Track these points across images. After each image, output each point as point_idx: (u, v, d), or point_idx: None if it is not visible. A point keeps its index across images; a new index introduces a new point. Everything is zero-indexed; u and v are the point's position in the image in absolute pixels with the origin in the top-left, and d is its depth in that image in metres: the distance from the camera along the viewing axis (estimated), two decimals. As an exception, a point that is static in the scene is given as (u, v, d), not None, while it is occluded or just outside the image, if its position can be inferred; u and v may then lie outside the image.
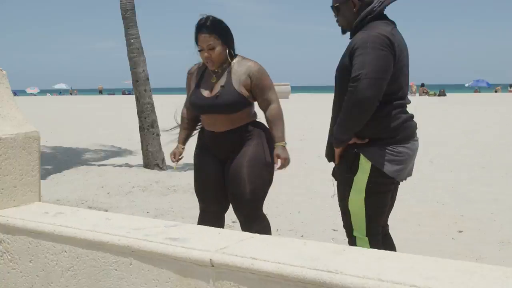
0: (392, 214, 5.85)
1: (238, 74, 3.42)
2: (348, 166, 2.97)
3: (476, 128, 14.45)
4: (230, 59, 3.46)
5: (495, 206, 6.05)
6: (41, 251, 2.49)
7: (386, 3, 2.96)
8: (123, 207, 6.26)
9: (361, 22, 2.94)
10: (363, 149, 2.90)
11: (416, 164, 3.31)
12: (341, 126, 2.87)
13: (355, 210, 2.98)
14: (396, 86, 2.89)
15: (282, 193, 6.86)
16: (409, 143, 2.96)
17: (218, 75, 3.48)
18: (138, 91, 9.03)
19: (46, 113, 23.97)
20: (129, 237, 2.23)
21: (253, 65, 3.45)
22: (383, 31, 2.82)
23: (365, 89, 2.70)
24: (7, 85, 2.97)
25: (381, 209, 3.03)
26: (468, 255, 4.40)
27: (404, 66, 2.94)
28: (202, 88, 3.50)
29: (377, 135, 2.88)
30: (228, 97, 3.38)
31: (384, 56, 2.76)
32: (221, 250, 2.00)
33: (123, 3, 9.03)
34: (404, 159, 2.94)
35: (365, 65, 2.72)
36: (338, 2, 3.02)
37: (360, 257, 1.88)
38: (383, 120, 2.87)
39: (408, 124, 2.98)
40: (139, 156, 9.57)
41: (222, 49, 3.41)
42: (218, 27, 3.42)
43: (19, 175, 2.82)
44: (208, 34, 3.37)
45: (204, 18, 3.43)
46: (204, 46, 3.39)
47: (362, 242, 2.97)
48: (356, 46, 2.80)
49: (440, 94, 38.01)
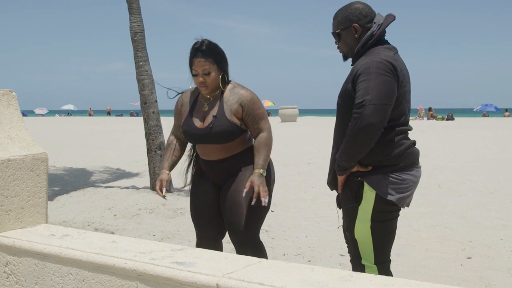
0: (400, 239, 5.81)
1: (230, 103, 3.34)
2: (352, 195, 2.93)
3: (485, 153, 14.39)
4: (223, 86, 3.38)
5: (504, 232, 5.99)
6: (47, 274, 2.48)
7: (384, 26, 2.95)
8: (129, 230, 6.25)
9: (362, 47, 2.93)
10: (367, 177, 2.86)
11: (424, 189, 3.32)
12: (345, 154, 2.82)
13: (362, 239, 2.93)
14: (399, 111, 2.86)
15: (289, 217, 6.84)
16: (413, 170, 2.91)
17: (210, 103, 3.40)
18: (146, 113, 9.07)
19: (54, 134, 24.11)
20: (135, 260, 2.22)
21: (245, 94, 3.36)
22: (386, 57, 2.81)
23: (370, 115, 2.67)
24: (17, 106, 2.99)
25: (388, 236, 2.98)
26: (477, 282, 4.34)
27: (406, 92, 2.91)
28: (194, 117, 3.42)
29: (380, 162, 2.84)
30: (220, 127, 3.30)
31: (388, 82, 2.74)
32: (228, 275, 1.99)
33: (132, 26, 9.11)
34: (408, 187, 2.89)
35: (369, 91, 2.69)
36: (339, 29, 3.02)
37: (368, 284, 1.86)
38: (386, 146, 2.83)
39: (412, 151, 2.93)
40: (146, 178, 9.58)
41: (217, 74, 3.33)
42: (214, 51, 3.33)
43: (27, 197, 2.82)
44: (204, 59, 3.29)
45: (200, 42, 3.34)
46: (200, 71, 3.30)
47: (371, 271, 2.92)
48: (359, 72, 2.77)
49: (448, 118, 37.94)
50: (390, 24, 2.98)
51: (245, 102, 3.34)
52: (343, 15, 3.01)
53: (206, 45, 3.32)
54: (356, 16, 2.97)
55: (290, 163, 12.33)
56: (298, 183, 9.66)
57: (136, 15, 9.11)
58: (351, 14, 2.98)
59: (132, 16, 9.11)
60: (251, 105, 3.34)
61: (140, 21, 9.15)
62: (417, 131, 24.42)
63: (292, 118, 34.60)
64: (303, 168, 11.32)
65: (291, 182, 9.67)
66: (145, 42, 9.18)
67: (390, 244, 3.02)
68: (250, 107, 3.34)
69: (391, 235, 3.01)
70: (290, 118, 34.50)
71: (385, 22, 2.95)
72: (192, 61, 3.33)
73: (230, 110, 3.33)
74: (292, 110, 35.37)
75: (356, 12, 2.98)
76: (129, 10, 9.15)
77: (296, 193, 8.64)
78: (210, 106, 3.40)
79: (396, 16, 3.01)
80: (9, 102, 2.96)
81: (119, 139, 21.04)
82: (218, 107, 3.36)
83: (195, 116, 3.43)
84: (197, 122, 3.40)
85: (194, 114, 3.44)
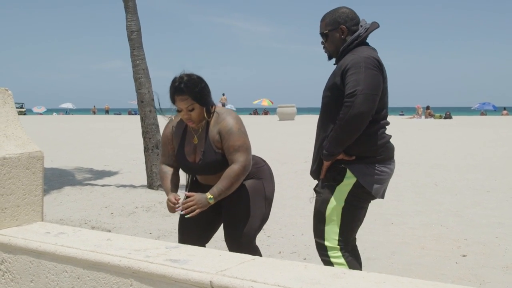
0: (396, 237, 5.84)
1: (213, 134, 3.33)
2: (332, 176, 3.14)
3: (482, 151, 14.42)
4: (208, 117, 3.34)
5: (500, 230, 6.01)
6: (42, 271, 2.50)
7: (370, 30, 3.24)
8: (126, 228, 6.26)
9: (348, 47, 3.20)
10: (350, 165, 3.09)
11: (421, 187, 3.38)
12: (334, 140, 3.03)
13: (331, 218, 3.13)
14: (382, 105, 3.11)
15: (286, 215, 6.85)
16: (390, 163, 3.18)
17: (199, 135, 3.38)
18: (143, 111, 9.08)
19: (51, 132, 24.09)
20: (130, 258, 2.23)
21: (225, 124, 3.30)
22: (372, 54, 3.09)
23: (362, 103, 2.91)
24: (12, 105, 3.00)
25: (355, 223, 3.20)
26: (472, 280, 4.37)
27: (386, 88, 3.17)
28: (186, 150, 3.41)
29: (364, 153, 3.08)
30: (211, 161, 3.31)
31: (376, 75, 3.01)
32: (221, 272, 2.00)
33: (129, 25, 9.11)
34: (385, 178, 3.14)
35: (360, 82, 2.94)
36: (328, 29, 3.30)
37: (360, 281, 1.88)
38: (370, 138, 3.07)
39: (390, 145, 3.19)
40: (143, 176, 9.59)
41: (201, 108, 3.29)
42: (193, 89, 3.26)
43: (22, 195, 2.83)
44: (185, 96, 3.25)
45: (178, 79, 3.28)
46: (183, 108, 3.27)
47: (333, 252, 3.11)
48: (349, 66, 3.02)
49: (446, 117, 37.96)
50: (374, 30, 3.27)
51: (222, 133, 3.30)
52: (331, 18, 3.30)
53: (185, 83, 3.25)
54: (343, 19, 3.27)
55: (288, 161, 12.35)
56: (295, 181, 9.68)
57: (132, 13, 9.11)
58: (339, 17, 3.28)
59: (129, 15, 9.12)
60: (227, 136, 3.28)
61: (137, 19, 9.15)
62: (414, 129, 24.47)
63: (290, 117, 34.61)
64: (300, 167, 11.32)
65: (288, 180, 9.69)
66: (141, 41, 9.18)
67: (355, 230, 3.24)
68: (226, 138, 3.28)
69: (359, 222, 3.24)
70: (288, 117, 34.51)
71: (371, 27, 3.26)
72: (174, 98, 3.29)
73: (214, 141, 3.32)
74: (290, 109, 35.37)
75: (343, 16, 3.28)
76: (125, 8, 9.15)
77: (293, 191, 8.66)
78: (199, 138, 3.38)
79: (380, 25, 3.32)
80: (4, 100, 2.97)
81: (117, 138, 21.03)
82: (205, 140, 3.35)
83: (186, 148, 3.42)
84: (190, 156, 3.40)
85: (185, 147, 3.43)
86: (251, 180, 3.48)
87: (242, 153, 3.27)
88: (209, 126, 3.36)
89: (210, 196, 3.23)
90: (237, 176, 3.24)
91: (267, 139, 18.83)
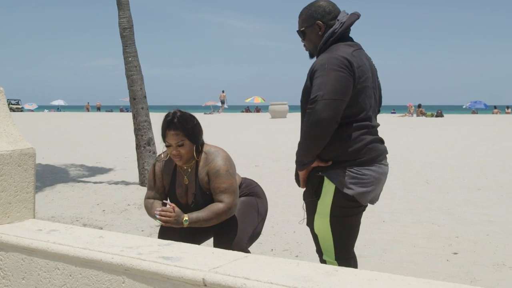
0: (387, 235, 5.86)
1: (202, 176, 3.33)
2: (312, 189, 2.98)
3: (473, 149, 14.48)
4: (197, 156, 3.34)
5: (491, 228, 6.05)
6: (34, 269, 2.49)
7: (347, 24, 2.96)
8: (118, 225, 6.25)
9: (324, 44, 2.96)
10: (327, 171, 2.89)
11: (412, 185, 3.35)
12: (301, 149, 2.87)
13: (321, 234, 2.98)
14: (357, 108, 2.87)
15: (278, 212, 6.86)
16: (374, 165, 2.91)
17: (189, 175, 3.38)
18: (135, 109, 9.06)
19: (43, 130, 23.98)
20: (122, 255, 2.23)
21: (213, 166, 3.31)
22: (342, 53, 2.83)
23: (322, 110, 2.71)
24: (4, 101, 2.99)
25: (348, 232, 3.00)
26: (463, 277, 4.39)
27: (367, 87, 2.92)
28: (178, 192, 3.41)
29: (339, 157, 2.87)
30: (203, 203, 3.32)
31: (342, 77, 2.76)
32: (214, 269, 2.00)
33: (121, 22, 9.09)
34: (369, 182, 2.89)
35: (322, 86, 2.73)
36: (304, 27, 3.06)
37: (352, 279, 1.88)
38: (345, 142, 2.85)
39: (374, 146, 2.93)
40: (135, 173, 9.57)
41: (191, 145, 3.29)
42: (185, 126, 3.27)
43: (14, 192, 2.82)
44: (176, 132, 3.25)
45: (172, 114, 3.30)
46: (173, 143, 3.27)
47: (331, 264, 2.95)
48: (316, 68, 2.83)
49: (437, 115, 38.08)
50: (354, 22, 3.00)
51: (210, 174, 3.31)
52: (307, 13, 3.05)
53: (178, 118, 3.27)
54: (319, 13, 3.01)
55: (280, 159, 12.35)
56: (287, 179, 9.67)
57: (124, 10, 9.09)
58: (314, 11, 3.02)
59: (121, 12, 9.09)
60: (214, 178, 3.29)
61: (129, 16, 9.13)
62: (406, 128, 24.52)
63: (282, 115, 34.60)
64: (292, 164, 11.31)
65: (280, 178, 9.69)
66: (134, 38, 9.16)
67: (351, 240, 3.05)
68: (213, 180, 3.29)
69: (352, 232, 3.04)
70: (280, 115, 34.51)
71: (348, 21, 2.97)
72: (165, 133, 3.29)
73: (203, 183, 3.33)
74: (282, 107, 35.36)
75: (319, 10, 3.01)
76: (117, 5, 9.13)
77: (285, 188, 8.66)
78: (190, 179, 3.38)
79: (361, 15, 3.04)
80: (-4, 97, 2.96)
81: (109, 135, 20.96)
82: (195, 182, 3.35)
83: (178, 191, 3.42)
84: (182, 199, 3.41)
85: (176, 189, 3.42)
86: (245, 196, 3.52)
87: (228, 195, 3.27)
88: (198, 167, 3.35)
89: (186, 218, 3.22)
90: (219, 214, 3.24)
91: (259, 137, 18.84)
